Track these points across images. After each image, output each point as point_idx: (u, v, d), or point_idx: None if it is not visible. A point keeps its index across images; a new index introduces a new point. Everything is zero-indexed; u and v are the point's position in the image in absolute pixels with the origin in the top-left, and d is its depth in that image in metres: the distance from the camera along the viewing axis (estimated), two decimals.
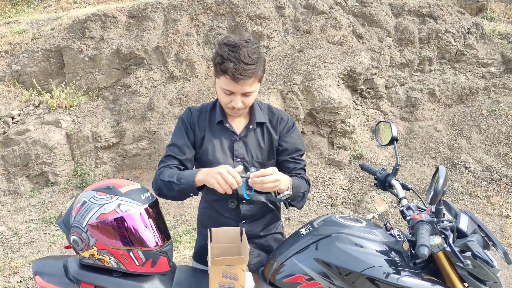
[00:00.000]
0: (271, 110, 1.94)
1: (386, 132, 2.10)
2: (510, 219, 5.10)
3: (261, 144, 1.87)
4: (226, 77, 1.65)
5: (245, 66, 1.62)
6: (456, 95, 7.02)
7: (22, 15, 9.99)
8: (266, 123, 1.89)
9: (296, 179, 1.80)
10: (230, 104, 1.73)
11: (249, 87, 1.69)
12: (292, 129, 1.92)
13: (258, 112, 1.89)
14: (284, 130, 1.90)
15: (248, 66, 1.63)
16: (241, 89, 1.68)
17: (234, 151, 1.85)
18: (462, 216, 1.68)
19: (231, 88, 1.68)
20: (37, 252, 4.86)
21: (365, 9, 7.29)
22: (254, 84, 1.70)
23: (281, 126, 1.90)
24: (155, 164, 6.52)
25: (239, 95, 1.70)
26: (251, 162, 1.85)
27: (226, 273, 1.60)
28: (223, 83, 1.68)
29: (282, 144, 1.89)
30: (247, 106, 1.77)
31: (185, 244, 4.58)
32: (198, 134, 1.87)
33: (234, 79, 1.64)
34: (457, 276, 1.62)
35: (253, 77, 1.66)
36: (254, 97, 1.78)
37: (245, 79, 1.64)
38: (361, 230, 1.71)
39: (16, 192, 6.38)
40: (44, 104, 7.12)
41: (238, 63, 1.61)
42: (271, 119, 1.91)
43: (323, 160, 6.25)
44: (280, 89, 6.26)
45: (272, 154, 1.90)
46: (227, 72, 1.63)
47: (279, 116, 1.91)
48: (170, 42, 7.16)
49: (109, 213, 1.62)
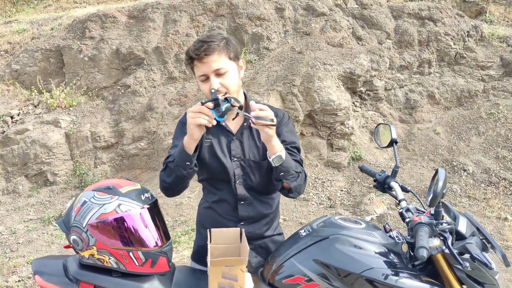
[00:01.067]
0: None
1: (385, 134, 2.11)
2: (509, 222, 5.11)
3: (257, 143, 1.87)
4: (194, 63, 1.72)
5: (204, 44, 1.69)
6: (455, 98, 7.03)
7: (22, 15, 9.98)
8: None
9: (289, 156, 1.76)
10: (210, 88, 1.69)
11: (216, 64, 1.69)
12: (287, 122, 1.92)
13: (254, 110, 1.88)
14: (281, 122, 1.89)
15: (207, 43, 1.69)
16: (209, 67, 1.69)
17: (232, 150, 1.85)
18: (461, 218, 1.69)
19: (202, 71, 1.72)
20: (36, 251, 4.86)
21: (364, 11, 7.30)
22: (220, 59, 1.71)
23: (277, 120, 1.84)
24: (154, 164, 6.52)
25: (213, 76, 1.70)
26: (247, 162, 1.86)
27: (226, 273, 1.60)
28: (196, 70, 1.74)
29: (281, 134, 1.87)
30: (229, 88, 1.73)
31: (184, 245, 4.58)
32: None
33: (198, 59, 1.69)
34: (456, 278, 1.63)
35: (216, 52, 1.69)
36: (232, 79, 1.75)
37: (207, 55, 1.68)
38: (360, 232, 1.72)
39: (14, 192, 6.38)
40: (43, 104, 7.12)
41: (197, 44, 1.71)
42: None
43: (322, 161, 6.25)
44: (279, 90, 6.27)
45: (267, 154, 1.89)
46: (190, 54, 1.71)
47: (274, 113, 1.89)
48: (170, 42, 7.17)
49: (109, 213, 1.62)
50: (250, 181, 1.87)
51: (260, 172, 1.87)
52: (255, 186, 1.88)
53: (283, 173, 1.69)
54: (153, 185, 5.95)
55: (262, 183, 1.89)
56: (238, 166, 1.86)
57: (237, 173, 1.86)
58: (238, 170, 1.86)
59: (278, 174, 1.70)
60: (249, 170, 1.87)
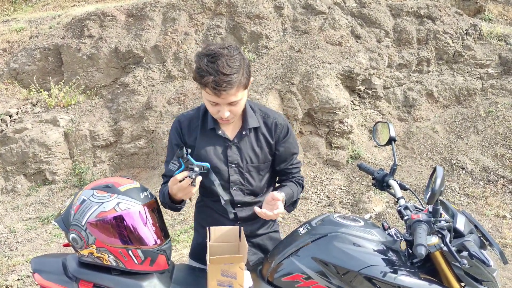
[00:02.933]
0: (265, 112, 1.89)
1: (384, 133, 2.11)
2: (507, 220, 5.12)
3: (255, 148, 1.85)
4: (207, 91, 1.63)
5: (225, 78, 1.57)
6: (454, 96, 7.04)
7: (21, 13, 9.96)
8: (259, 127, 1.85)
9: (290, 188, 1.88)
10: (218, 114, 1.71)
11: (233, 97, 1.64)
12: (288, 134, 1.89)
13: (251, 116, 1.84)
14: (281, 136, 1.87)
15: (228, 76, 1.57)
16: (225, 100, 1.64)
17: (228, 157, 1.83)
18: (459, 216, 1.69)
19: (215, 100, 1.65)
20: (35, 250, 4.86)
21: (363, 10, 7.30)
22: (238, 93, 1.65)
23: (278, 131, 1.87)
24: (153, 163, 6.53)
25: (225, 105, 1.66)
26: (246, 167, 1.84)
27: (225, 271, 1.61)
28: (207, 95, 1.65)
29: (279, 149, 1.88)
30: (236, 114, 1.74)
31: (183, 243, 4.58)
32: (188, 142, 1.85)
33: (216, 92, 1.60)
34: (454, 275, 1.63)
35: (235, 87, 1.61)
36: (242, 105, 1.74)
37: (227, 91, 1.60)
38: (359, 230, 1.72)
39: (13, 191, 6.37)
40: (42, 103, 7.11)
41: (217, 75, 1.57)
42: (266, 121, 1.87)
43: (321, 160, 6.26)
44: (278, 89, 6.27)
45: (267, 158, 1.88)
46: (208, 86, 1.59)
47: (273, 120, 1.87)
48: (168, 41, 7.16)
49: (108, 212, 1.62)
50: (250, 185, 1.87)
51: (259, 175, 1.88)
52: (255, 190, 1.89)
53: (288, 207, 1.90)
54: (152, 183, 5.95)
55: (261, 186, 1.90)
56: (236, 172, 1.85)
57: (233, 180, 1.85)
58: (236, 176, 1.85)
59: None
60: (248, 176, 1.86)
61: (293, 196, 1.86)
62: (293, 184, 1.93)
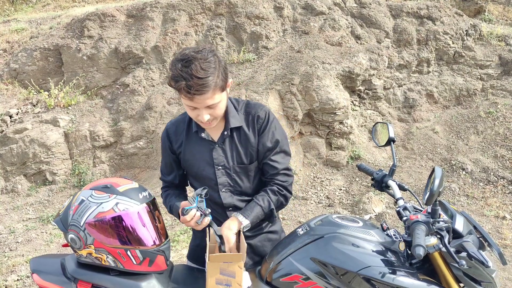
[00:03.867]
0: (248, 109, 1.84)
1: (383, 133, 2.11)
2: (507, 221, 5.12)
3: (239, 148, 1.82)
4: (182, 95, 1.60)
5: (199, 81, 1.54)
6: (454, 97, 7.04)
7: (21, 14, 9.97)
8: (242, 126, 1.81)
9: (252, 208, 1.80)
10: (198, 118, 1.69)
11: (210, 100, 1.61)
12: (267, 127, 1.81)
13: (234, 116, 1.80)
14: (261, 129, 1.81)
15: (203, 80, 1.54)
16: (202, 104, 1.61)
17: (214, 159, 1.82)
18: (458, 217, 1.69)
19: (192, 104, 1.62)
20: (34, 250, 4.86)
21: (363, 10, 7.30)
22: (215, 95, 1.61)
23: (258, 124, 1.81)
24: (153, 163, 6.52)
25: (204, 109, 1.64)
26: (232, 168, 1.82)
27: (224, 270, 1.61)
28: (184, 100, 1.63)
29: (260, 142, 1.82)
30: (217, 117, 1.71)
31: (182, 244, 4.58)
32: (176, 149, 1.89)
33: (190, 97, 1.58)
34: (453, 276, 1.63)
35: (210, 90, 1.58)
36: (222, 108, 1.70)
37: (201, 94, 1.57)
38: (358, 230, 1.72)
39: (13, 191, 6.37)
40: (42, 103, 7.11)
41: (191, 79, 1.54)
42: (248, 118, 1.82)
43: (321, 160, 6.26)
44: (278, 89, 6.27)
45: (253, 157, 1.84)
46: (181, 91, 1.57)
47: (255, 114, 1.82)
48: (168, 41, 7.16)
49: (107, 212, 1.62)
50: (239, 187, 1.86)
51: (247, 175, 1.86)
52: (245, 191, 1.87)
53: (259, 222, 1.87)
54: (151, 184, 5.95)
55: (252, 186, 1.89)
56: (224, 174, 1.83)
57: (221, 182, 1.84)
58: (223, 178, 1.83)
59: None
60: (236, 176, 1.84)
61: (258, 216, 1.79)
62: (264, 195, 1.83)
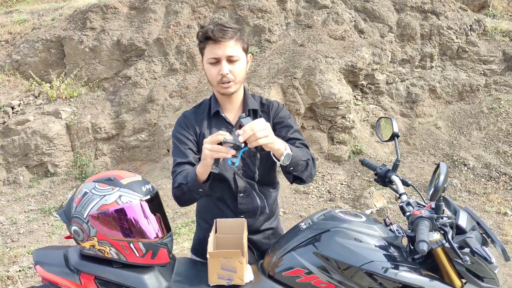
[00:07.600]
0: (262, 101, 1.96)
1: (387, 128, 2.10)
2: (508, 217, 5.12)
3: None
4: (208, 43, 1.71)
5: (224, 28, 1.70)
6: (457, 92, 7.01)
7: (23, 5, 9.93)
8: (258, 110, 1.90)
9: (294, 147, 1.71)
10: (219, 74, 1.73)
11: (231, 49, 1.71)
12: (283, 110, 1.94)
13: (251, 100, 1.91)
14: (276, 112, 1.92)
15: (226, 27, 1.70)
16: (224, 50, 1.70)
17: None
18: (461, 212, 1.69)
19: (215, 52, 1.71)
20: (36, 242, 4.88)
21: (367, 4, 7.26)
22: (236, 47, 1.73)
23: (273, 110, 1.92)
24: (155, 156, 6.53)
25: (225, 61, 1.72)
26: (248, 152, 1.82)
27: (225, 265, 1.61)
28: (208, 52, 1.73)
29: (276, 124, 1.89)
30: (236, 77, 1.76)
31: (184, 237, 4.59)
32: (198, 131, 1.87)
33: (215, 40, 1.69)
34: (455, 272, 1.63)
35: (234, 39, 1.71)
36: (241, 69, 1.78)
37: (225, 39, 1.69)
38: (361, 225, 1.72)
39: (15, 182, 6.39)
40: (44, 95, 7.11)
41: (217, 25, 1.70)
42: (263, 106, 1.94)
43: (323, 155, 6.25)
44: (281, 83, 6.25)
45: None
46: (208, 34, 1.69)
47: (269, 104, 1.94)
48: (171, 34, 7.14)
49: (110, 204, 1.62)
50: (251, 172, 1.86)
51: (260, 162, 1.86)
52: (255, 176, 1.86)
53: (293, 167, 1.65)
54: (153, 176, 5.95)
55: (263, 173, 1.88)
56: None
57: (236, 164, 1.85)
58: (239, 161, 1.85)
59: (288, 169, 1.66)
60: (249, 161, 1.86)
61: (298, 153, 1.68)
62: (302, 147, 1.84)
